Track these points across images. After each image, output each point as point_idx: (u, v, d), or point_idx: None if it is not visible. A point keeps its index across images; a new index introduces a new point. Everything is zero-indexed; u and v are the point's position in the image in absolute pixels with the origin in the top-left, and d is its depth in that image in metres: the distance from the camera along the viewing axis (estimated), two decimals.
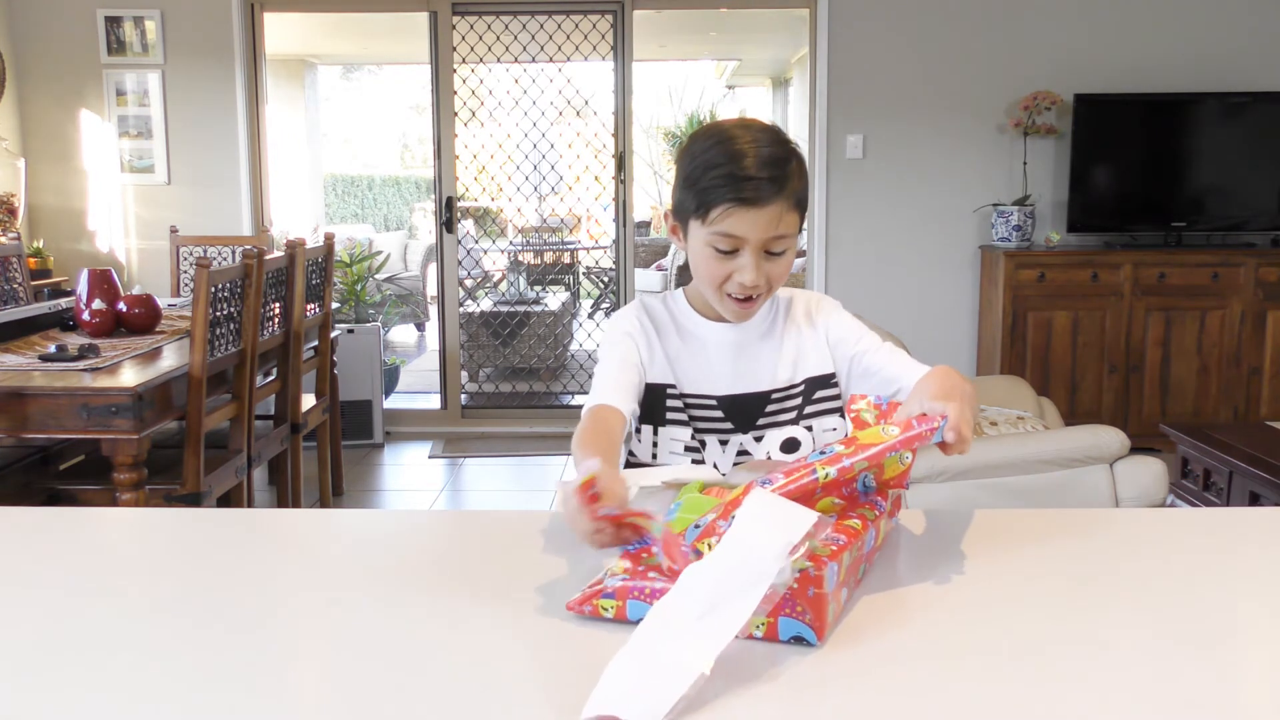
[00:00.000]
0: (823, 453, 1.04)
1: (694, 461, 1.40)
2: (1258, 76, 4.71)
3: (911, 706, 0.80)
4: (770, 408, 1.40)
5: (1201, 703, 0.81)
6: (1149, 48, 4.73)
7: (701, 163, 1.30)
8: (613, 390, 1.35)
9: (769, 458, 1.40)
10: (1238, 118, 4.68)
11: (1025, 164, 4.74)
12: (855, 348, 1.42)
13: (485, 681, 0.84)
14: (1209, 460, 2.98)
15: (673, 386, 1.40)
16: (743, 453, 1.40)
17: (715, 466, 1.38)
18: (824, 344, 1.43)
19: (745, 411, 1.40)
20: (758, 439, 1.40)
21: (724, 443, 1.40)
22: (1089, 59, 4.72)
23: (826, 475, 1.00)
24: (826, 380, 1.42)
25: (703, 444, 1.40)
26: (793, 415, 1.40)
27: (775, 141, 1.31)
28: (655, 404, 1.41)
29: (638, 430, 1.42)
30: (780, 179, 1.27)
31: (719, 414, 1.40)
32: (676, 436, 1.39)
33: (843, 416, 1.43)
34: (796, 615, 0.90)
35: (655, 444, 1.40)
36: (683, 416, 1.40)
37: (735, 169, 1.27)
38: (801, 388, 1.41)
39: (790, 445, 1.40)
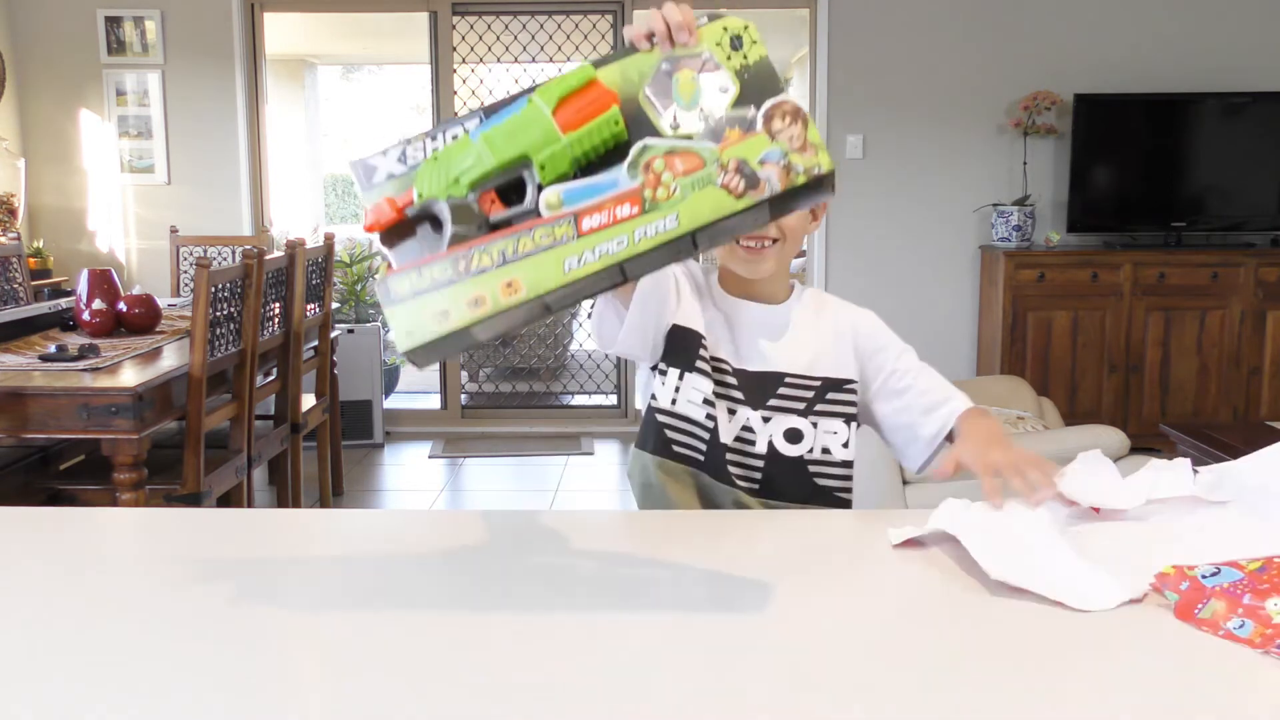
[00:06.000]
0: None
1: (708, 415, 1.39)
2: (1258, 76, 4.71)
3: (910, 705, 0.80)
4: (783, 390, 1.41)
5: (1202, 702, 0.81)
6: (1149, 48, 4.73)
7: None
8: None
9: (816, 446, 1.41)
10: (1238, 118, 4.68)
11: (1025, 164, 4.74)
12: (895, 363, 1.44)
13: (486, 681, 0.85)
14: (1209, 460, 2.97)
15: (704, 339, 1.41)
16: (747, 428, 1.40)
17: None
18: (849, 351, 1.45)
19: (760, 387, 1.41)
20: (765, 419, 1.40)
21: (732, 412, 1.40)
22: (1089, 59, 4.72)
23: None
24: (841, 384, 1.43)
25: (712, 405, 1.39)
26: (802, 406, 1.42)
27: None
28: (688, 347, 1.41)
29: (664, 371, 1.41)
30: None
31: (734, 382, 1.41)
32: (698, 387, 1.40)
33: (849, 423, 1.43)
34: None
35: (678, 389, 1.40)
36: (708, 369, 1.41)
37: None
38: (817, 384, 1.42)
39: (793, 435, 1.40)
